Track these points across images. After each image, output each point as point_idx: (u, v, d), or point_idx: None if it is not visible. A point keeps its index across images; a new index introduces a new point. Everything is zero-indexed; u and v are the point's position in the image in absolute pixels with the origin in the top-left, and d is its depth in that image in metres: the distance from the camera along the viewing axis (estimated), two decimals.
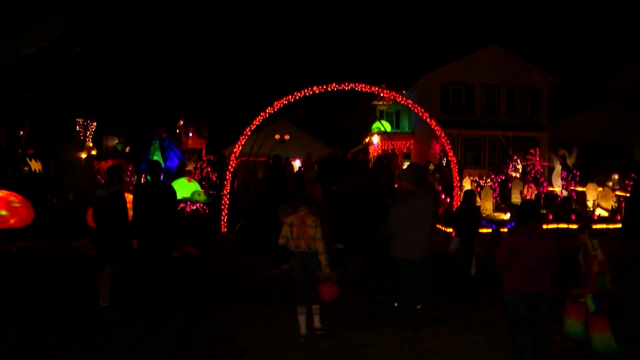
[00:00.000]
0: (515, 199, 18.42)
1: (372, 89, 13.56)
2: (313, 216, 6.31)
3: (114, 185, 7.28)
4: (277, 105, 12.75)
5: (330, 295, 6.31)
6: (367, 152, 28.40)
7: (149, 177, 7.35)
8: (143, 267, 6.98)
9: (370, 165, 18.34)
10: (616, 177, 19.83)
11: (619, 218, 13.95)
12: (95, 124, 22.82)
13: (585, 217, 15.55)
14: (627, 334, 6.23)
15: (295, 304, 6.28)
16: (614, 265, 6.32)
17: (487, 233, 11.22)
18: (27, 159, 19.35)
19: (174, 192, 7.32)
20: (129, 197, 7.35)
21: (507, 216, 15.67)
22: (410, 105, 14.49)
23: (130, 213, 7.17)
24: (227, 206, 12.86)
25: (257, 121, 12.99)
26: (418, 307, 7.29)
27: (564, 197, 18.92)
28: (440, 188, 18.35)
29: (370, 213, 8.05)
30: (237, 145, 13.24)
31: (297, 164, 24.12)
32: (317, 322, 6.29)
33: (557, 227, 13.14)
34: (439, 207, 8.76)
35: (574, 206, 17.54)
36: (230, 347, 5.88)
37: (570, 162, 20.29)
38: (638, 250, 6.82)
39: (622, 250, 7.48)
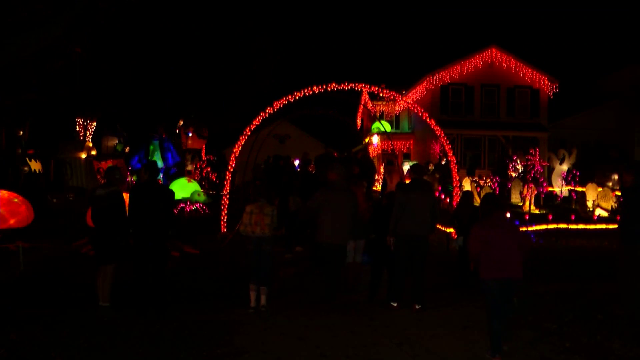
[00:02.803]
0: (515, 199, 18.43)
1: (372, 89, 13.59)
2: (271, 206, 7.29)
3: (114, 184, 7.27)
4: (277, 105, 12.77)
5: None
6: (367, 152, 28.41)
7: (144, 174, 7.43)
8: (138, 267, 7.00)
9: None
10: (616, 177, 19.83)
11: (619, 218, 13.93)
12: (95, 124, 22.83)
13: (585, 217, 15.56)
14: (625, 333, 6.23)
15: (248, 282, 7.25)
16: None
17: None
18: (27, 159, 19.37)
19: (170, 193, 7.36)
20: (127, 197, 7.36)
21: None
22: (410, 105, 14.49)
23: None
24: (227, 206, 12.87)
25: (257, 121, 13.01)
26: (418, 307, 7.33)
27: (563, 197, 18.94)
28: (440, 188, 18.37)
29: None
30: (237, 145, 13.25)
31: (296, 163, 24.13)
32: (263, 301, 7.21)
33: (557, 227, 13.13)
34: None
35: (574, 206, 17.56)
36: (230, 347, 5.88)
37: (569, 162, 20.31)
38: (634, 252, 6.78)
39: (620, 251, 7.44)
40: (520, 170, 19.08)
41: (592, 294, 7.99)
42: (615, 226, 13.22)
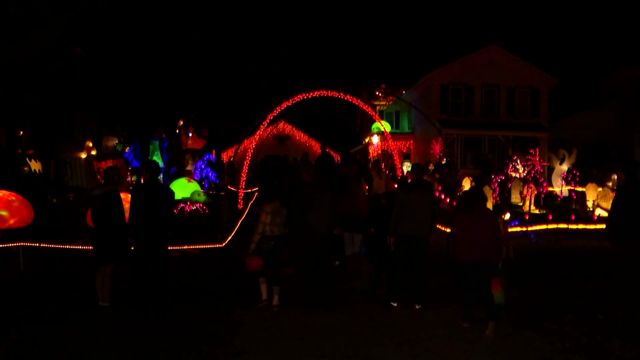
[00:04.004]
0: (515, 199, 18.42)
1: (372, 88, 13.60)
2: (285, 207, 7.55)
3: (111, 184, 7.27)
4: (277, 105, 12.79)
5: (256, 267, 7.36)
6: (367, 152, 28.40)
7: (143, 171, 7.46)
8: (138, 267, 6.99)
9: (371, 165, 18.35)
10: (615, 177, 19.82)
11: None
12: (95, 124, 22.79)
13: (585, 217, 15.55)
14: (625, 333, 6.23)
15: (257, 277, 7.49)
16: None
17: None
18: (27, 159, 19.34)
19: (170, 193, 7.37)
20: (126, 196, 7.36)
21: (507, 216, 15.65)
22: (410, 105, 14.49)
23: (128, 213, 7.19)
24: (227, 206, 12.88)
25: (257, 121, 13.03)
26: (418, 307, 7.33)
27: (564, 197, 18.94)
28: (440, 188, 18.36)
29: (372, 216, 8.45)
30: (237, 145, 13.27)
31: None
32: (275, 301, 7.40)
33: (557, 227, 13.11)
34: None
35: (574, 206, 17.56)
36: (230, 347, 5.88)
37: (569, 162, 20.31)
38: (630, 251, 6.77)
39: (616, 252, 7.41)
40: (520, 170, 19.09)
41: (592, 294, 7.99)
42: None
